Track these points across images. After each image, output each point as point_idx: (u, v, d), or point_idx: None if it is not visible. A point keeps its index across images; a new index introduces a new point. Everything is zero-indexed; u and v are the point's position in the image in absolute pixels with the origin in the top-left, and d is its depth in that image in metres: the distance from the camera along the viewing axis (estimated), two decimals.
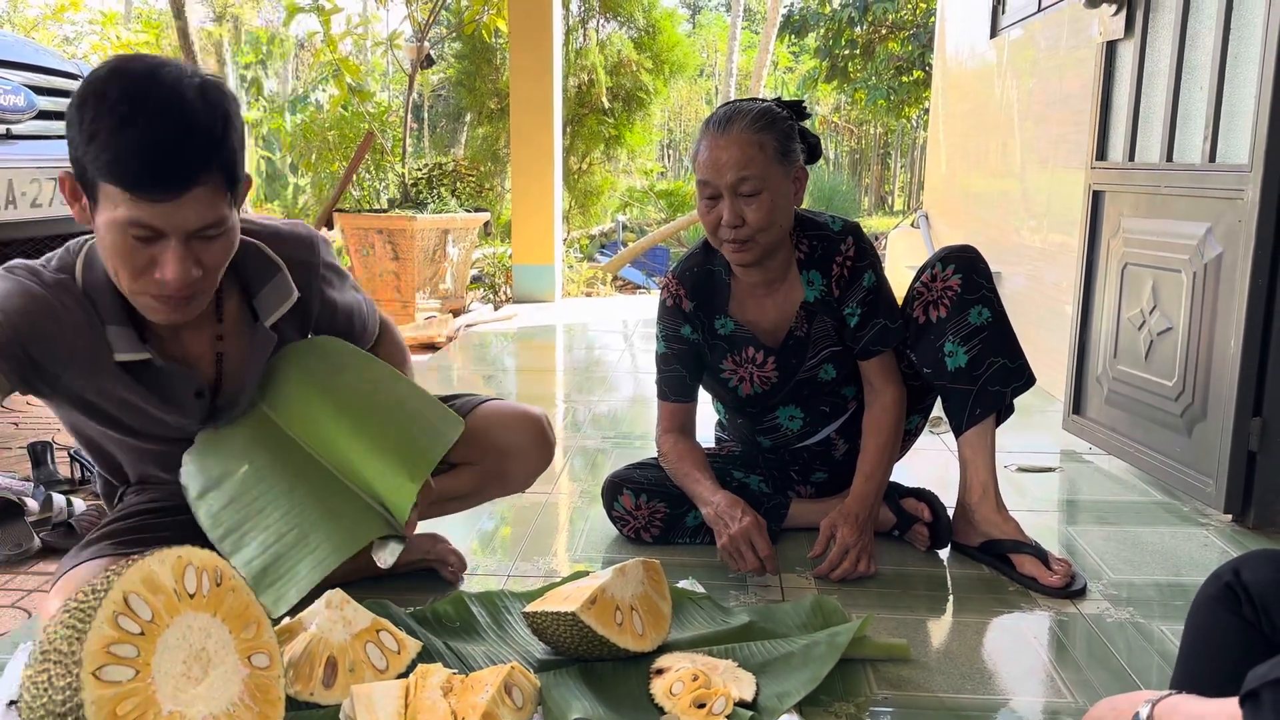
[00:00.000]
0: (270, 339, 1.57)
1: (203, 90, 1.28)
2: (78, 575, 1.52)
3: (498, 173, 10.64)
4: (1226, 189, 2.26)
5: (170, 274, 1.30)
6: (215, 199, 1.30)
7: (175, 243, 1.29)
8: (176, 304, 1.36)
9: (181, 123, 1.25)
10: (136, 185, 1.24)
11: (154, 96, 1.24)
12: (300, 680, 1.38)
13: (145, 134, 1.23)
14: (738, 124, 1.85)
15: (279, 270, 1.55)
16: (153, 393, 1.50)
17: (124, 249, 1.30)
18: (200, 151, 1.26)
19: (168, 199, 1.26)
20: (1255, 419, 2.23)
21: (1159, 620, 1.78)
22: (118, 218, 1.27)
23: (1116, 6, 2.74)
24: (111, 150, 1.23)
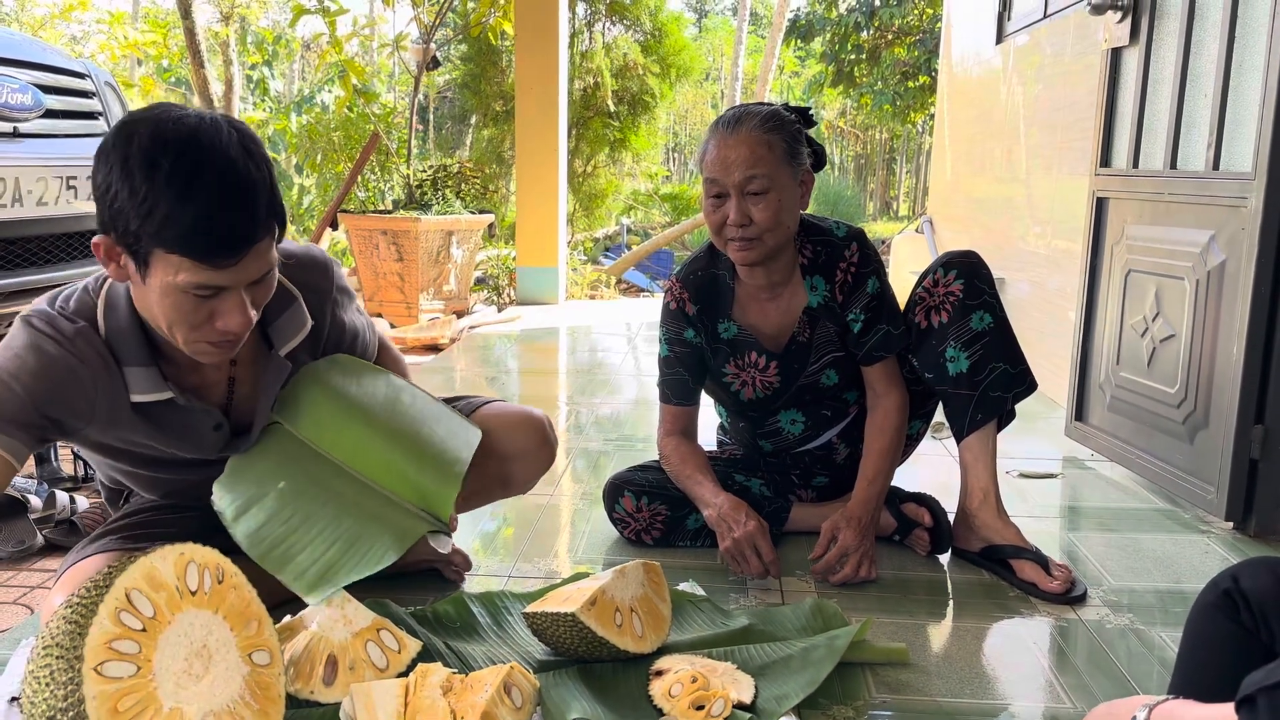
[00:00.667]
0: (285, 367, 1.58)
1: (243, 146, 1.29)
2: (81, 570, 1.53)
3: (502, 175, 10.66)
4: (1230, 197, 2.26)
5: (235, 325, 1.34)
6: (268, 249, 1.33)
7: (237, 295, 1.33)
8: (233, 345, 1.40)
9: (238, 189, 1.26)
10: (205, 256, 1.26)
11: (207, 164, 1.24)
12: (301, 678, 1.38)
13: (208, 207, 1.24)
14: (747, 124, 1.85)
15: (295, 300, 1.57)
16: (171, 430, 1.51)
17: (184, 309, 1.32)
18: (258, 212, 1.28)
19: (235, 261, 1.28)
20: (1257, 427, 2.23)
21: (1159, 627, 1.78)
22: (178, 282, 1.28)
23: (1122, 14, 2.75)
24: (177, 224, 1.23)
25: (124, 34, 8.97)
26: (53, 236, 2.96)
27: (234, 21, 11.12)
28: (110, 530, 1.64)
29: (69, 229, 3.00)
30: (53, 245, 2.97)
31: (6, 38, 3.02)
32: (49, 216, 2.89)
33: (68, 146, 3.01)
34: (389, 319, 5.88)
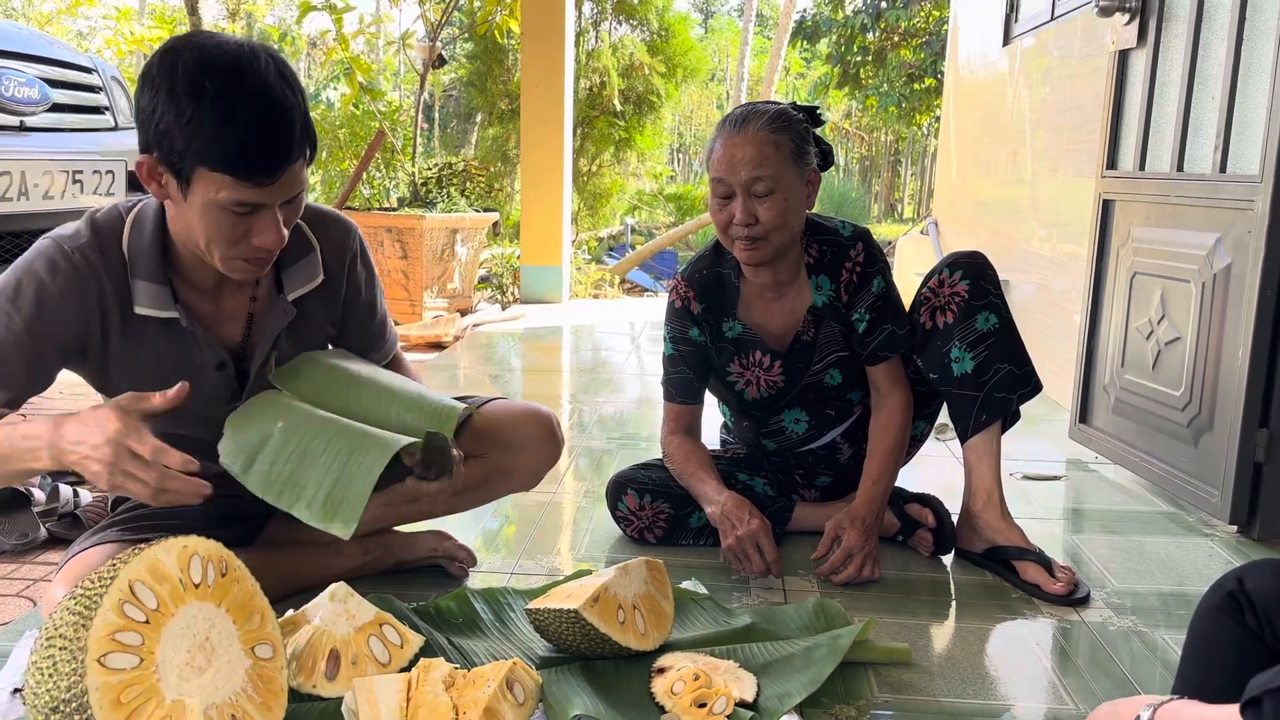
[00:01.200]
0: (289, 312, 1.61)
1: (279, 73, 1.37)
2: (83, 561, 1.53)
3: (507, 173, 10.67)
4: (1237, 200, 2.26)
5: (270, 240, 1.41)
6: (303, 168, 1.42)
7: (272, 213, 1.40)
8: (265, 263, 1.47)
9: (277, 112, 1.34)
10: (246, 173, 1.33)
11: (248, 88, 1.32)
12: (303, 672, 1.38)
13: (250, 127, 1.32)
14: (754, 123, 1.85)
15: (312, 250, 1.63)
16: (174, 363, 1.54)
17: (223, 225, 1.38)
18: (294, 133, 1.37)
19: (271, 181, 1.36)
20: (1262, 430, 2.22)
21: (1162, 629, 1.78)
22: (219, 199, 1.35)
23: (1129, 16, 2.74)
24: (221, 143, 1.31)
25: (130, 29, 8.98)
26: None
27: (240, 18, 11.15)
28: (114, 523, 1.64)
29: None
30: None
31: (14, 32, 3.03)
32: (55, 210, 2.89)
33: (74, 141, 3.02)
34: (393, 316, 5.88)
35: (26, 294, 1.43)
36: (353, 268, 1.71)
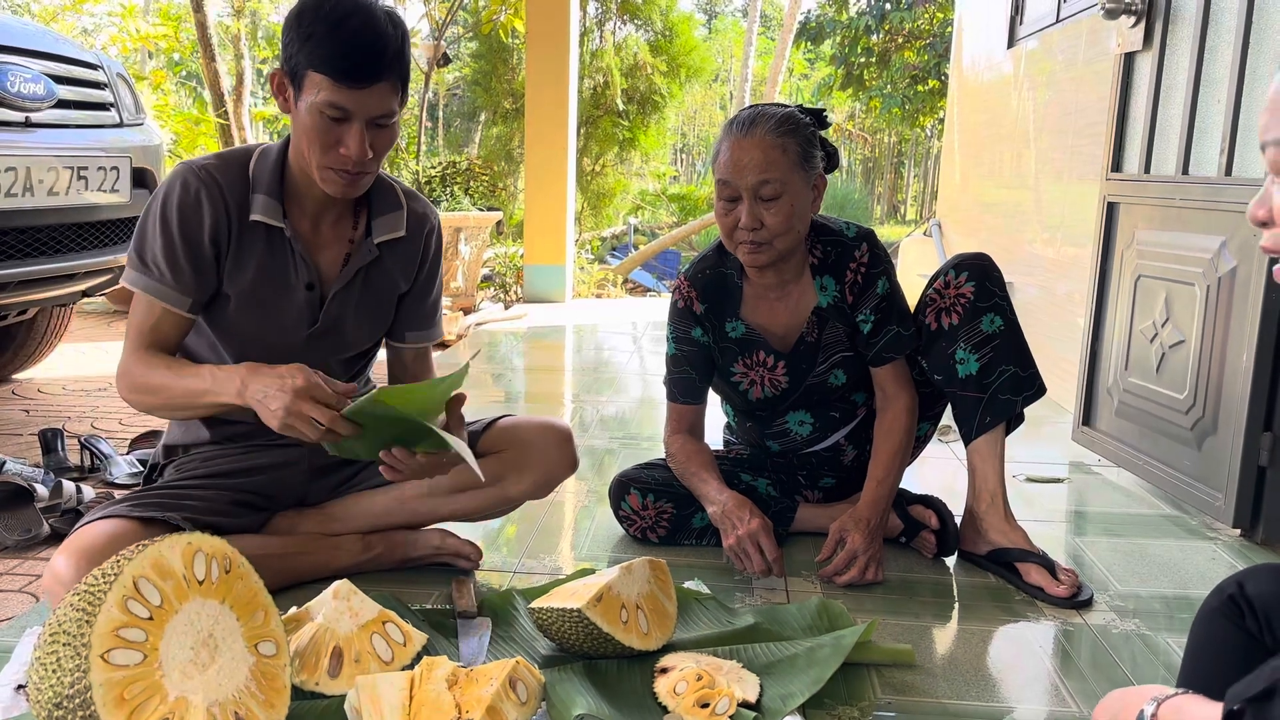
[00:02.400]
0: (372, 252, 1.79)
1: (388, 15, 1.60)
2: (90, 531, 1.55)
3: (511, 172, 10.67)
4: (1242, 202, 2.25)
5: (354, 150, 1.59)
6: (391, 94, 1.61)
7: (359, 124, 1.59)
8: (351, 179, 1.64)
9: (376, 31, 1.56)
10: (341, 73, 1.54)
11: (357, 11, 1.56)
12: (306, 669, 1.39)
13: (352, 36, 1.54)
14: (761, 126, 1.85)
15: (400, 208, 1.82)
16: (276, 274, 1.72)
17: (320, 127, 1.59)
18: (388, 54, 1.57)
19: (361, 87, 1.56)
20: (1266, 434, 2.22)
21: (1165, 632, 1.78)
22: (318, 101, 1.56)
23: (1135, 18, 2.74)
24: (325, 46, 1.54)
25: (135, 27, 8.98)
26: (63, 226, 2.96)
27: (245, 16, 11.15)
28: (127, 499, 1.66)
29: (80, 219, 3.01)
30: (63, 235, 2.97)
31: (20, 28, 3.03)
32: (60, 206, 2.89)
33: (79, 137, 3.02)
34: None
35: (171, 207, 1.66)
36: (429, 240, 1.88)
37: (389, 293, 1.85)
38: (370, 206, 1.80)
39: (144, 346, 1.67)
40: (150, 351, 1.67)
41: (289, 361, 1.65)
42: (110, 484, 2.52)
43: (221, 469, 1.79)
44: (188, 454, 1.84)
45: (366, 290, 1.81)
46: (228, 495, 1.76)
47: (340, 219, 1.78)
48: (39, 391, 3.60)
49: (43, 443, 2.68)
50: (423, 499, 1.88)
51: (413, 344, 1.91)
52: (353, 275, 1.78)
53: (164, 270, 1.66)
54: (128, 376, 1.67)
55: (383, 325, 1.89)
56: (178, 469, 1.82)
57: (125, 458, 2.65)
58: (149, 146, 3.34)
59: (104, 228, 3.15)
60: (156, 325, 1.68)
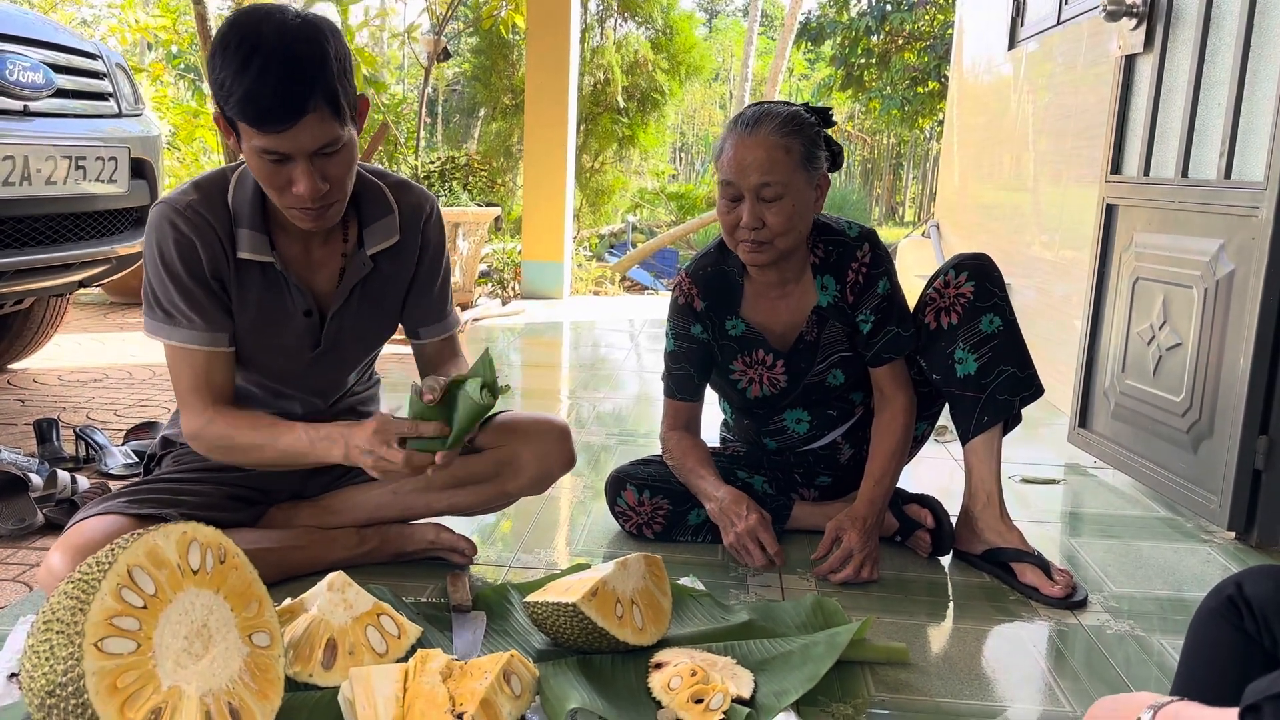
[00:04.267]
0: (366, 265, 1.74)
1: (302, 30, 1.47)
2: (86, 528, 1.54)
3: (510, 168, 10.66)
4: (1241, 206, 2.26)
5: (304, 189, 1.51)
6: (326, 122, 1.49)
7: (301, 162, 1.50)
8: (316, 213, 1.57)
9: (287, 64, 1.43)
10: (257, 122, 1.45)
11: (262, 45, 1.43)
12: (300, 661, 1.38)
13: (257, 78, 1.42)
14: (766, 126, 1.84)
15: (391, 212, 1.75)
16: (271, 305, 1.69)
17: (264, 172, 1.52)
18: (303, 87, 1.45)
19: (284, 129, 1.45)
20: (1262, 437, 2.22)
21: (1159, 634, 1.78)
22: (254, 146, 1.49)
23: (1136, 21, 2.74)
24: (236, 94, 1.44)
25: (134, 18, 8.95)
26: (61, 216, 2.95)
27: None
28: (120, 494, 1.65)
29: (77, 209, 3.00)
30: (61, 224, 2.96)
31: (19, 16, 3.02)
32: (57, 196, 2.88)
33: (78, 126, 3.01)
34: None
35: (170, 255, 1.61)
36: (426, 229, 1.81)
37: (392, 300, 1.83)
38: (360, 215, 1.74)
39: (208, 404, 1.64)
40: (218, 408, 1.64)
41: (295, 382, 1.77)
42: (105, 474, 2.52)
43: (219, 463, 1.79)
44: (186, 446, 1.83)
45: (365, 304, 1.78)
46: (225, 490, 1.75)
47: (331, 235, 1.73)
48: (34, 381, 3.59)
49: (38, 433, 2.68)
50: (418, 493, 1.88)
51: (428, 339, 1.89)
52: (349, 292, 1.74)
53: (191, 315, 1.62)
54: (203, 440, 1.64)
55: (388, 331, 1.88)
56: (175, 460, 1.82)
57: (120, 448, 2.65)
58: (148, 137, 3.33)
59: (101, 218, 3.15)
60: (208, 375, 1.65)
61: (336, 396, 1.90)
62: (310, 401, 1.84)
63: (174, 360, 1.65)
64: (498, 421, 1.90)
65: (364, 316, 1.79)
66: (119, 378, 3.71)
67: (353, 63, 1.59)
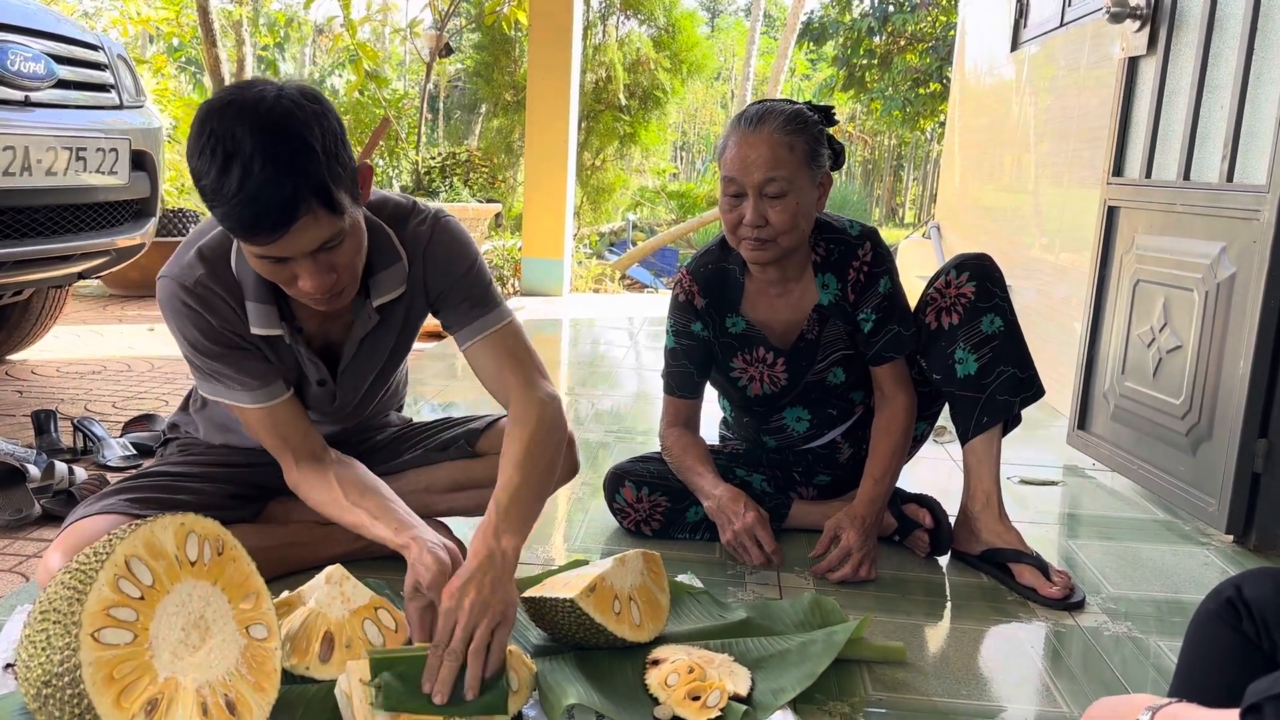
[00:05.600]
0: (373, 318, 1.63)
1: (282, 123, 1.30)
2: (82, 528, 1.53)
3: (511, 165, 10.65)
4: (1243, 209, 2.25)
5: (310, 287, 1.41)
6: (320, 221, 1.34)
7: (305, 263, 1.39)
8: (330, 300, 1.47)
9: (266, 170, 1.27)
10: (243, 236, 1.34)
11: (239, 152, 1.27)
12: (297, 654, 1.38)
13: (237, 190, 1.27)
14: (770, 123, 1.84)
15: (399, 260, 1.62)
16: (290, 369, 1.63)
17: (266, 271, 1.42)
18: (289, 191, 1.29)
19: (275, 239, 1.32)
20: (1261, 440, 2.22)
21: (1156, 636, 1.78)
22: (249, 251, 1.38)
23: (1140, 23, 2.74)
24: (219, 207, 1.30)
25: (137, 9, 8.94)
26: (60, 207, 2.95)
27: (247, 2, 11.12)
28: (120, 489, 1.64)
29: (77, 200, 3.00)
30: (60, 216, 2.96)
31: (21, 6, 3.01)
32: (57, 187, 2.88)
33: (79, 117, 3.00)
34: None
35: (188, 332, 1.54)
36: (428, 249, 1.65)
37: (402, 344, 1.76)
38: (369, 264, 1.59)
39: (289, 454, 1.61)
40: (301, 461, 1.60)
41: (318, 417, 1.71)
42: (103, 466, 2.52)
43: (221, 459, 1.79)
44: (190, 435, 1.84)
45: (374, 354, 1.72)
46: (226, 489, 1.75)
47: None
48: (33, 373, 3.59)
49: (36, 424, 2.67)
50: (419, 494, 1.88)
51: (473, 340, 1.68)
52: (358, 344, 1.67)
53: (241, 377, 1.57)
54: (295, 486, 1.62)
55: (396, 368, 1.84)
56: (180, 449, 1.83)
57: (118, 440, 2.64)
58: (149, 129, 3.33)
59: (101, 210, 3.14)
60: (284, 429, 1.60)
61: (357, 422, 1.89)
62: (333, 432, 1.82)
63: (244, 417, 1.61)
64: (501, 425, 1.88)
65: (372, 365, 1.73)
66: (117, 370, 3.71)
67: (344, 135, 1.41)
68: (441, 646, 1.28)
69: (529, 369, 1.66)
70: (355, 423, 1.87)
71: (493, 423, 1.91)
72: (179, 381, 3.53)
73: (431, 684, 1.26)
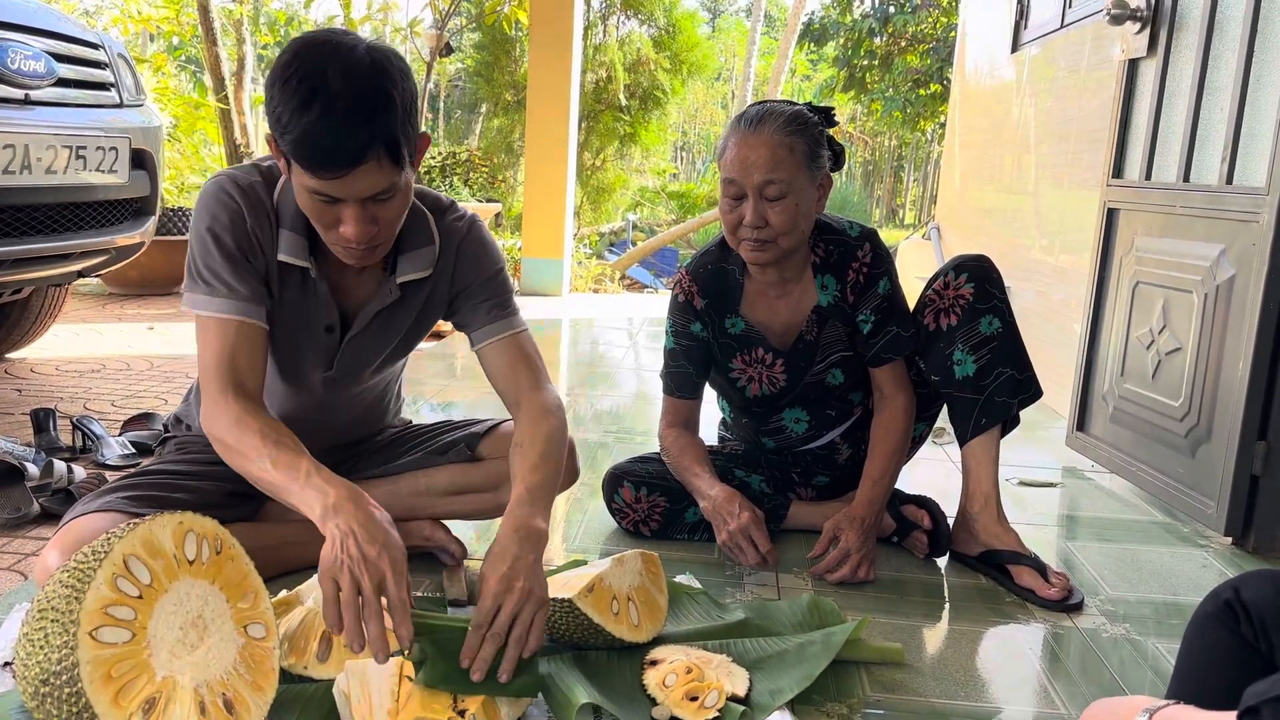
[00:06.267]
0: (393, 294, 1.66)
1: (369, 72, 1.37)
2: (80, 525, 1.53)
3: (511, 165, 10.65)
4: (1242, 211, 2.25)
5: (352, 234, 1.45)
6: (382, 170, 1.41)
7: (354, 207, 1.43)
8: (362, 253, 1.50)
9: (349, 110, 1.35)
10: (311, 166, 1.37)
11: (325, 87, 1.34)
12: (295, 653, 1.38)
13: (316, 122, 1.34)
14: (770, 124, 1.84)
15: (431, 244, 1.67)
16: (298, 311, 1.64)
17: (312, 209, 1.46)
18: (363, 134, 1.36)
19: (339, 176, 1.38)
20: (1260, 443, 2.22)
21: (1154, 637, 1.78)
22: (304, 184, 1.42)
23: (1140, 25, 2.74)
24: (291, 134, 1.35)
25: (137, 8, 8.94)
26: (60, 206, 2.95)
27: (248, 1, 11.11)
28: (118, 487, 1.64)
29: (77, 198, 2.99)
30: (60, 214, 2.96)
31: (22, 5, 3.01)
32: (57, 185, 2.88)
33: (79, 116, 3.00)
34: None
35: (220, 217, 1.54)
36: (462, 245, 1.71)
37: (415, 331, 1.76)
38: (399, 239, 1.64)
39: (228, 386, 1.50)
40: (239, 398, 1.49)
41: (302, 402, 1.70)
42: (102, 465, 2.51)
43: (220, 457, 1.78)
44: (192, 432, 1.84)
45: (384, 332, 1.72)
46: (224, 487, 1.75)
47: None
48: (32, 371, 3.59)
49: (35, 422, 2.67)
50: (419, 496, 1.88)
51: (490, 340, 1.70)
52: (371, 317, 1.68)
53: (231, 283, 1.53)
54: (213, 424, 1.49)
55: (402, 357, 1.84)
56: (178, 447, 1.82)
57: (117, 439, 2.64)
58: (149, 128, 3.32)
59: (101, 208, 3.14)
60: (234, 351, 1.52)
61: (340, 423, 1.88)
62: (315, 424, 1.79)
63: (204, 335, 1.54)
64: (501, 431, 1.88)
65: (380, 345, 1.73)
66: (117, 368, 3.71)
67: (418, 99, 1.50)
68: (484, 627, 1.29)
69: (540, 374, 1.69)
70: (337, 418, 1.85)
71: (493, 428, 1.90)
72: (178, 381, 3.53)
73: (470, 662, 1.27)
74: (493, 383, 1.71)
